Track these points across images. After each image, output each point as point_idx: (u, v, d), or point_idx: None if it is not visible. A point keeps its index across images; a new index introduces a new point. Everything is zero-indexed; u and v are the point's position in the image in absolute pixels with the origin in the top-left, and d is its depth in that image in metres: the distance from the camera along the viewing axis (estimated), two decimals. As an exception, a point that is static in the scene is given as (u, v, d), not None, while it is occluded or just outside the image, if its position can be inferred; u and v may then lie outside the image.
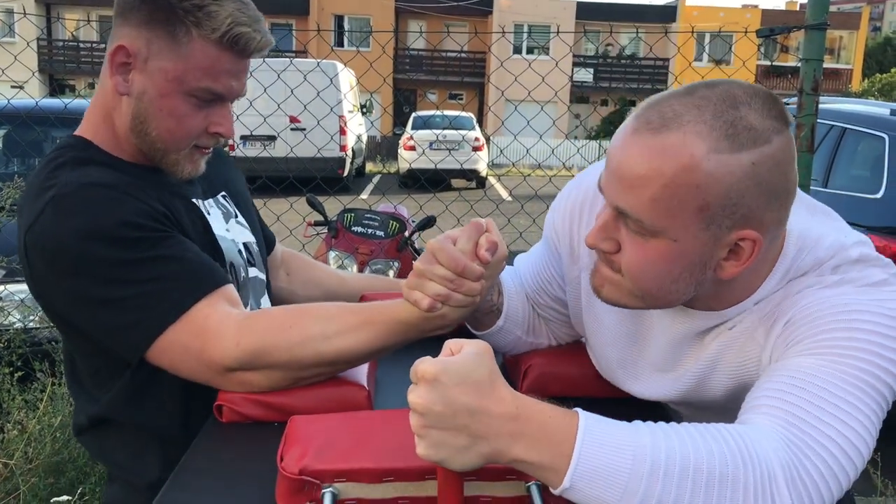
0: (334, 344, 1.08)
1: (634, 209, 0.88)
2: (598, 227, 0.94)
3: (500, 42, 23.54)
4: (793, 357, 0.89)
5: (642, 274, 0.93)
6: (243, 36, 1.16)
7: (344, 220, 3.85)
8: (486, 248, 1.03)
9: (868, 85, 27.76)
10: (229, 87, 1.20)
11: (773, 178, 0.87)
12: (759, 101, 0.87)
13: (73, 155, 1.19)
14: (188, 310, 1.09)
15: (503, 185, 12.61)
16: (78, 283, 1.09)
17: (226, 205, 1.41)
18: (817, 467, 0.80)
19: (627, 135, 0.89)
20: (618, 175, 0.89)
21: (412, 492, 0.87)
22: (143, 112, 1.18)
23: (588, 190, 1.13)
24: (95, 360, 1.22)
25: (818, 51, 2.67)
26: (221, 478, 0.95)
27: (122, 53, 1.16)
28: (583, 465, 0.76)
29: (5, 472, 2.51)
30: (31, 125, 3.37)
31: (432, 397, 0.76)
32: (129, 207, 1.12)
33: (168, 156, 1.22)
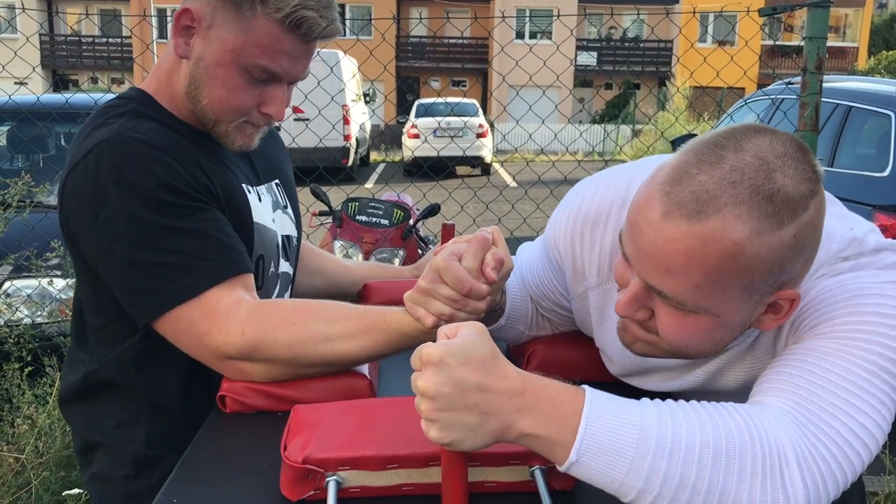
0: (335, 347, 1.08)
1: (674, 293, 0.85)
2: (630, 299, 0.91)
3: (501, 27, 23.43)
4: (806, 341, 0.88)
5: (684, 341, 0.91)
6: (307, 20, 1.14)
7: (348, 209, 3.85)
8: (493, 267, 1.01)
9: (874, 63, 27.54)
10: (286, 68, 1.18)
11: (811, 240, 0.85)
12: (792, 163, 0.82)
13: (133, 107, 1.20)
14: (206, 291, 1.09)
15: (507, 171, 12.60)
16: (108, 236, 1.10)
17: (278, 193, 1.41)
18: (829, 449, 0.80)
19: (658, 215, 0.83)
20: (653, 259, 0.85)
21: (416, 478, 0.88)
22: (199, 77, 1.18)
23: (589, 212, 1.09)
24: (108, 315, 1.22)
25: (821, 29, 2.65)
26: (226, 469, 0.95)
27: (188, 17, 1.16)
28: (589, 439, 0.76)
29: (17, 466, 2.53)
30: (34, 121, 3.38)
31: (440, 379, 0.76)
32: (172, 172, 1.12)
33: (219, 125, 1.22)
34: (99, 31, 28.99)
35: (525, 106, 4.00)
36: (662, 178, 0.85)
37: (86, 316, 1.26)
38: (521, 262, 1.26)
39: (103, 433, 1.26)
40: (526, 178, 5.01)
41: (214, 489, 0.91)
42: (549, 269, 1.19)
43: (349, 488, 0.87)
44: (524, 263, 1.26)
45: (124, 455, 1.23)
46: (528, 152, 15.33)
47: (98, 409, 1.26)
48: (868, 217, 3.57)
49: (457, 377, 0.76)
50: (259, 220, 1.28)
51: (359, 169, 15.44)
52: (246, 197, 1.27)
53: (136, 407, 1.24)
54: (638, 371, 1.12)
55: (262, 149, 1.37)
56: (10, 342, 2.93)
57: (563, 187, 4.37)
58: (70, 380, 1.29)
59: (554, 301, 1.22)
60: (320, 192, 3.72)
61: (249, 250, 1.25)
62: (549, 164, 4.12)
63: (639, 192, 0.88)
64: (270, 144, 1.40)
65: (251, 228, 1.26)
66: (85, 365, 1.26)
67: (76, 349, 1.29)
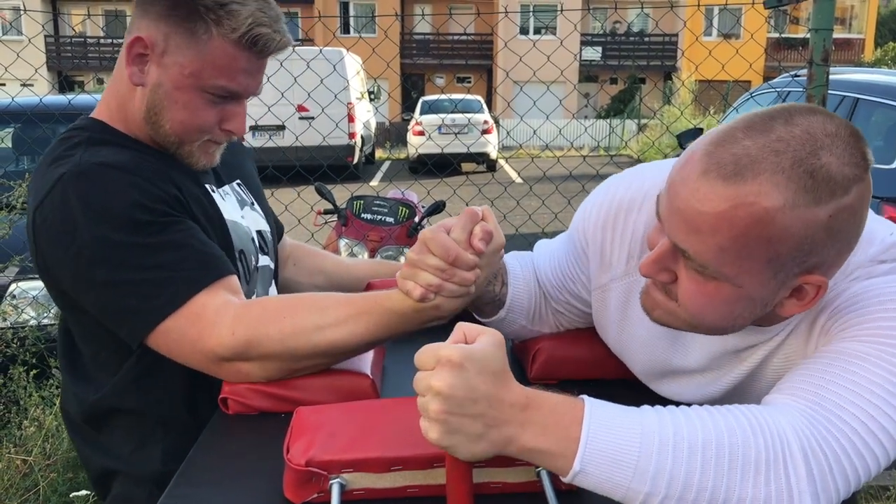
0: (327, 335, 1.07)
1: (699, 254, 0.84)
2: (655, 258, 0.90)
3: (505, 23, 23.40)
4: (835, 343, 0.86)
5: (701, 310, 0.89)
6: (263, 36, 1.15)
7: (353, 207, 3.84)
8: (481, 238, 0.99)
9: (881, 54, 27.39)
10: (245, 85, 1.20)
11: (848, 227, 0.82)
12: (842, 144, 0.80)
13: (87, 135, 1.19)
14: (189, 299, 1.09)
15: (512, 168, 12.57)
16: (85, 263, 1.09)
17: (241, 192, 1.41)
18: (840, 443, 0.78)
19: (696, 173, 0.82)
20: (683, 216, 0.84)
21: (420, 480, 0.87)
22: (158, 103, 1.18)
23: (623, 200, 1.08)
24: (98, 343, 1.21)
25: (828, 20, 2.63)
26: (229, 472, 0.95)
27: (140, 45, 1.16)
28: (591, 447, 0.76)
29: (24, 468, 2.53)
30: (38, 123, 3.38)
31: (456, 382, 0.75)
32: (139, 190, 1.11)
33: (182, 147, 1.22)
34: (103, 31, 29.04)
35: (529, 102, 3.98)
36: (708, 139, 0.84)
37: (78, 348, 1.26)
38: (537, 257, 1.25)
39: (120, 460, 1.25)
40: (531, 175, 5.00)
41: (217, 492, 0.90)
42: (572, 259, 1.18)
43: (353, 490, 0.86)
44: (542, 257, 1.24)
45: (143, 476, 1.23)
46: (534, 148, 15.31)
47: (110, 438, 1.26)
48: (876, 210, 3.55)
49: (472, 384, 0.75)
50: (229, 217, 1.29)
51: (364, 167, 15.43)
52: (212, 197, 1.27)
53: (147, 428, 1.24)
54: (660, 372, 1.10)
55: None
56: (16, 344, 2.93)
57: (568, 183, 4.37)
58: (71, 410, 1.29)
59: (572, 292, 1.20)
60: (325, 191, 3.71)
61: (229, 247, 1.26)
62: (554, 160, 4.11)
63: (683, 153, 0.87)
64: (227, 150, 1.39)
65: (224, 226, 1.26)
66: (84, 397, 1.25)
67: (71, 383, 1.28)
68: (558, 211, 4.23)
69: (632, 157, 15.65)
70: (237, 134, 1.24)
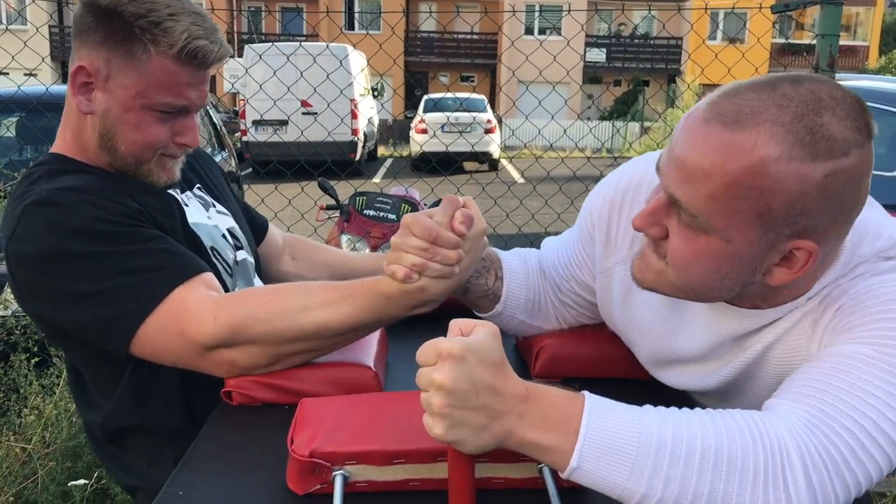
0: (314, 316, 1.07)
1: (690, 202, 0.84)
2: (649, 210, 0.90)
3: (511, 22, 23.38)
4: (839, 345, 0.85)
5: (687, 267, 0.89)
6: (201, 49, 1.18)
7: (356, 203, 3.84)
8: (461, 221, 1.02)
9: (885, 62, 27.36)
10: (190, 99, 1.22)
11: (844, 192, 0.81)
12: (845, 108, 0.80)
13: (48, 168, 1.21)
14: (166, 296, 1.09)
15: (515, 167, 12.57)
16: (59, 283, 1.11)
17: (203, 196, 1.43)
18: (842, 453, 0.77)
19: (697, 122, 0.83)
20: (678, 163, 0.84)
21: (423, 474, 0.87)
22: (110, 128, 1.20)
23: (631, 181, 1.09)
24: (94, 367, 1.24)
25: (834, 26, 2.63)
26: (232, 461, 0.95)
27: (83, 74, 1.18)
28: (590, 443, 0.76)
29: (23, 456, 2.53)
30: (43, 112, 3.38)
31: (459, 375, 0.75)
32: (102, 206, 1.13)
33: (141, 166, 1.24)
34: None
35: (531, 101, 3.98)
36: (714, 93, 0.85)
37: (82, 376, 1.29)
38: (546, 250, 1.26)
39: (140, 477, 1.28)
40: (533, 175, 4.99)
41: (220, 482, 0.91)
42: (580, 245, 1.18)
43: (356, 482, 0.86)
44: (550, 249, 1.25)
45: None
46: (536, 148, 15.31)
47: (125, 456, 1.29)
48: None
49: (474, 376, 0.76)
50: (194, 219, 1.31)
51: (366, 163, 15.43)
52: (177, 201, 1.29)
53: (155, 443, 1.25)
54: (664, 358, 1.10)
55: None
56: (18, 332, 2.93)
57: (571, 184, 4.36)
58: (92, 436, 1.32)
59: (579, 280, 1.20)
60: (328, 186, 3.72)
61: (200, 247, 1.27)
62: (556, 161, 4.11)
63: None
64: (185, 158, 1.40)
65: (190, 229, 1.28)
66: (93, 420, 1.28)
67: (86, 408, 1.31)
68: (561, 211, 4.23)
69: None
70: (191, 146, 1.27)
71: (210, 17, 1.22)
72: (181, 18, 1.17)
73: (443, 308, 1.23)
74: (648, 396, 0.92)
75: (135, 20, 1.15)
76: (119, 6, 1.15)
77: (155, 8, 1.16)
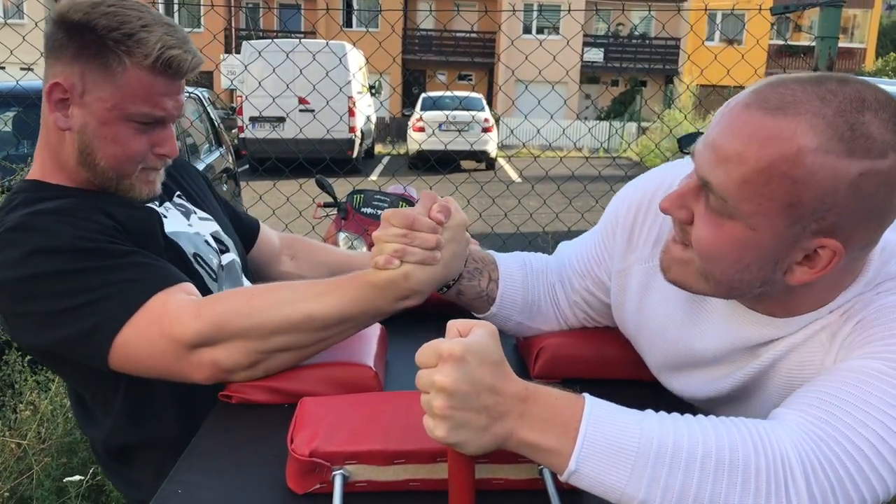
0: (298, 307, 1.05)
1: (721, 185, 0.83)
2: (677, 193, 0.90)
3: (509, 21, 23.36)
4: (853, 360, 0.84)
5: (711, 254, 0.88)
6: (175, 58, 1.18)
7: (353, 201, 3.83)
8: (438, 210, 1.05)
9: (882, 64, 27.41)
10: (167, 109, 1.22)
11: (877, 196, 0.79)
12: (889, 112, 0.79)
13: (24, 196, 1.20)
14: (144, 303, 1.08)
15: (513, 166, 12.58)
16: (39, 304, 1.09)
17: (183, 204, 1.42)
18: (846, 467, 0.76)
19: (738, 107, 0.83)
20: (714, 145, 0.84)
21: (423, 474, 0.87)
22: (88, 143, 1.20)
23: (660, 186, 1.09)
24: (90, 387, 1.24)
25: (833, 28, 2.64)
26: (231, 459, 0.95)
27: (59, 90, 1.18)
28: (588, 446, 0.76)
29: (19, 451, 2.53)
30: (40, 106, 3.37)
31: (460, 376, 0.75)
32: (78, 226, 1.13)
33: (122, 181, 1.24)
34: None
35: (530, 100, 3.98)
36: (759, 82, 0.85)
37: (82, 396, 1.29)
38: (562, 249, 1.27)
39: (146, 491, 1.25)
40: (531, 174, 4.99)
41: (219, 480, 0.90)
42: (601, 243, 1.18)
43: (355, 482, 0.86)
44: (566, 249, 1.26)
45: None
46: (534, 148, 15.31)
47: (130, 472, 1.29)
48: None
49: (475, 376, 0.75)
50: (174, 229, 1.30)
51: (363, 161, 15.42)
52: (157, 213, 1.29)
53: (157, 457, 1.25)
54: (675, 361, 1.09)
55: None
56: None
57: (569, 183, 4.36)
58: (98, 452, 1.33)
59: (594, 278, 1.20)
60: (326, 184, 3.71)
61: (181, 256, 1.27)
62: (554, 160, 4.11)
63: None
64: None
65: (170, 240, 1.27)
66: (97, 437, 1.28)
67: (87, 429, 1.32)
68: (559, 210, 4.23)
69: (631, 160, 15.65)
70: (170, 156, 1.27)
71: (181, 28, 1.23)
72: (154, 29, 1.17)
73: (441, 308, 1.24)
74: (649, 399, 0.92)
75: (108, 33, 1.15)
76: (91, 21, 1.15)
77: (127, 20, 1.16)
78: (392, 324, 1.29)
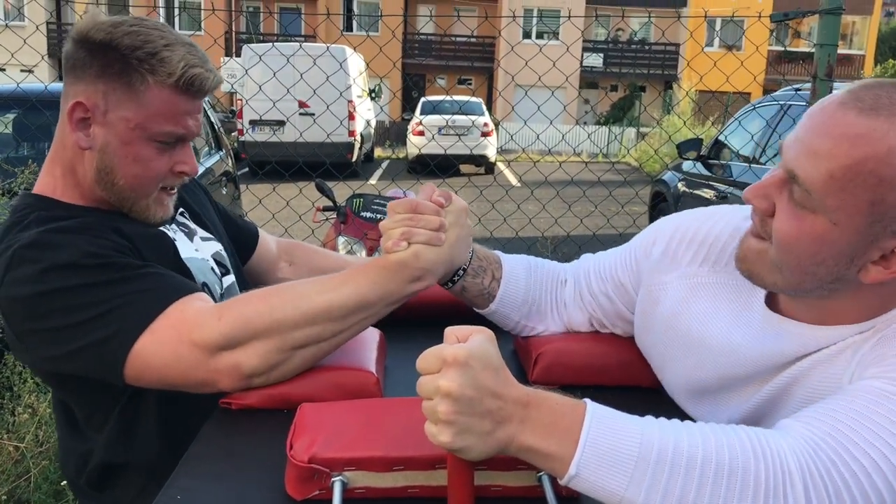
0: (317, 300, 1.08)
1: (808, 178, 0.85)
2: (762, 184, 0.91)
3: (509, 27, 23.39)
4: (867, 379, 0.84)
5: (789, 246, 0.89)
6: (198, 77, 1.19)
7: (353, 205, 3.82)
8: (439, 195, 1.12)
9: (881, 71, 27.46)
10: (188, 127, 1.23)
11: None
12: None
13: (36, 215, 1.19)
14: (162, 311, 1.08)
15: (512, 171, 12.59)
16: (53, 320, 1.09)
17: (186, 223, 1.42)
18: (843, 476, 0.75)
19: (832, 105, 0.85)
20: (805, 139, 0.86)
21: (422, 481, 0.87)
22: (109, 163, 1.20)
23: (702, 211, 1.14)
24: (89, 404, 1.23)
25: (833, 36, 2.64)
26: (230, 465, 0.95)
27: (81, 109, 1.18)
28: (589, 452, 0.76)
29: (16, 455, 2.52)
30: (41, 109, 3.37)
31: (464, 381, 0.75)
32: (92, 242, 1.13)
33: (138, 202, 1.24)
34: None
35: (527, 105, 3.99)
36: (854, 84, 0.86)
37: (74, 413, 1.27)
38: (583, 258, 1.30)
39: None
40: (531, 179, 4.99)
41: (219, 486, 0.90)
42: (633, 251, 1.20)
43: (354, 489, 0.86)
44: (589, 256, 1.29)
45: None
46: (533, 152, 15.32)
47: (111, 494, 1.27)
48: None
49: (479, 381, 0.76)
50: (186, 255, 1.30)
51: (362, 165, 15.43)
52: (168, 238, 1.29)
53: (142, 477, 1.24)
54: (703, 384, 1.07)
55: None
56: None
57: (569, 189, 4.37)
58: (70, 467, 1.30)
59: (616, 283, 1.21)
60: (325, 188, 3.71)
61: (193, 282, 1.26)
62: (553, 165, 4.12)
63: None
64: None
65: (183, 265, 1.28)
66: (85, 455, 1.26)
67: (71, 441, 1.30)
68: (558, 216, 4.24)
69: (630, 166, 15.66)
70: (190, 174, 1.27)
71: (200, 47, 1.24)
72: (176, 48, 1.18)
73: (436, 315, 1.24)
74: (648, 405, 0.92)
75: (131, 52, 1.15)
76: (114, 40, 1.15)
77: (150, 39, 1.16)
78: (388, 330, 1.29)
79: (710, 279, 1.08)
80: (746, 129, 5.47)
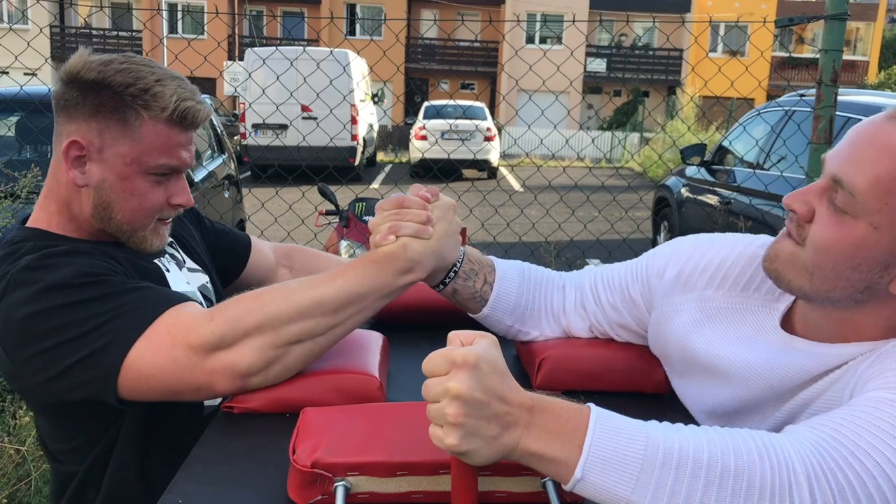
0: (307, 294, 1.08)
1: (852, 182, 0.87)
2: (803, 190, 0.94)
3: (513, 31, 23.43)
4: (868, 392, 0.84)
5: (827, 249, 0.90)
6: (190, 110, 1.21)
7: (355, 209, 3.83)
8: (425, 191, 1.16)
9: (885, 77, 27.46)
10: (182, 159, 1.24)
11: None
12: None
13: (31, 244, 1.19)
14: (155, 319, 1.08)
15: (515, 176, 12.61)
16: (49, 339, 1.08)
17: (175, 253, 1.42)
18: (847, 477, 0.76)
19: (880, 119, 0.89)
20: (851, 146, 0.89)
21: (426, 486, 0.86)
22: (106, 198, 1.21)
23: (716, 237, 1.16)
24: (75, 436, 1.22)
25: (838, 41, 2.64)
26: (232, 469, 0.94)
27: (76, 148, 1.19)
28: (594, 455, 0.75)
29: (17, 458, 2.52)
30: (44, 112, 3.38)
31: (473, 384, 0.75)
32: (87, 263, 1.14)
33: (135, 234, 1.25)
34: (111, 23, 29.04)
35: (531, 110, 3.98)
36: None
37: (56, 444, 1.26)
38: (590, 269, 1.31)
39: None
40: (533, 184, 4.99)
41: (221, 490, 0.90)
42: (646, 268, 1.21)
43: (357, 494, 0.86)
44: (597, 267, 1.30)
45: None
46: (536, 157, 15.33)
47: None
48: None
49: (488, 384, 0.75)
50: (177, 287, 1.30)
51: (365, 169, 15.45)
52: (161, 271, 1.30)
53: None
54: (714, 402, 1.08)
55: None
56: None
57: (572, 193, 4.36)
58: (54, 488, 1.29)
59: (625, 295, 1.22)
60: (328, 192, 3.71)
61: None
62: (557, 170, 4.12)
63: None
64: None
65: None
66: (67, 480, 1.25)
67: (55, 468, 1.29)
68: (561, 221, 4.24)
69: (633, 171, 15.66)
70: (186, 206, 1.29)
71: (188, 80, 1.26)
72: (167, 83, 1.20)
73: (436, 320, 1.24)
74: (652, 410, 0.92)
75: (124, 89, 1.17)
76: (106, 78, 1.17)
77: (141, 75, 1.18)
78: (391, 335, 1.29)
79: (725, 303, 1.10)
80: (751, 134, 5.47)
